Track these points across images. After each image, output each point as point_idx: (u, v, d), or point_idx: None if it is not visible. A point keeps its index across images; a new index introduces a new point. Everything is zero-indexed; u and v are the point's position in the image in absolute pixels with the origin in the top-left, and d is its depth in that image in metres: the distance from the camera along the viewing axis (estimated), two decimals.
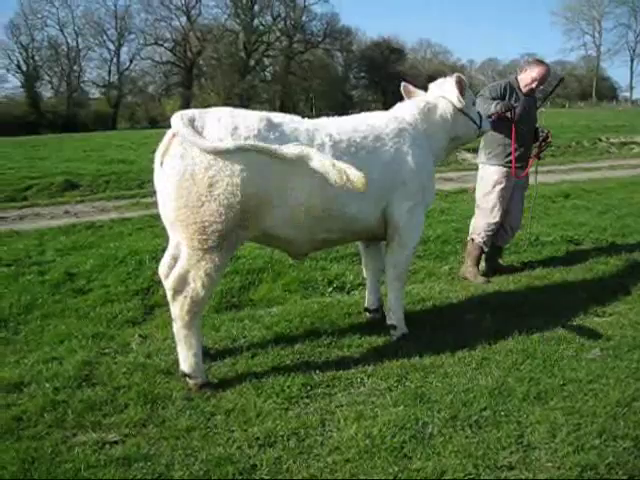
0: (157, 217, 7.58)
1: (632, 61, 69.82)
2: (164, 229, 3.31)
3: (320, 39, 73.83)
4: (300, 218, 3.19)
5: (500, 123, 4.92)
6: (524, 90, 5.22)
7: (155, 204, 3.28)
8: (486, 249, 5.36)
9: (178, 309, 3.10)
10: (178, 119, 2.98)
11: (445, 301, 4.61)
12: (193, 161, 2.89)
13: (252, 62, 71.06)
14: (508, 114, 4.90)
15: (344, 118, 3.70)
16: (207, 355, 3.53)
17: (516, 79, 5.28)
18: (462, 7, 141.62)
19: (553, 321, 4.05)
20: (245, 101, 65.42)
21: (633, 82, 69.03)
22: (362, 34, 77.72)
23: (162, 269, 3.46)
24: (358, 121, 3.62)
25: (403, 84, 4.22)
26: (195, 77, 66.26)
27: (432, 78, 4.30)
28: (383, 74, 70.94)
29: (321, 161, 2.96)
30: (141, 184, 11.58)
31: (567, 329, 3.90)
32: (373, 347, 3.73)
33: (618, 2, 66.98)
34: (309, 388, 3.21)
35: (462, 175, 11.45)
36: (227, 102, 62.59)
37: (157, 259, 5.34)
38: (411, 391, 3.12)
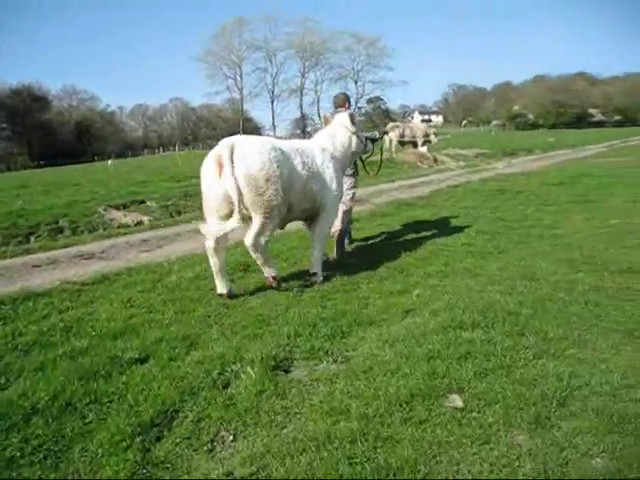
0: None
1: (272, 102, 79.02)
2: None
3: None
4: (299, 193, 5.16)
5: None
6: None
7: None
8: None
9: (259, 254, 4.98)
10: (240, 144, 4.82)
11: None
12: (248, 168, 4.67)
13: None
14: (377, 135, 6.73)
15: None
16: None
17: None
18: (101, 52, 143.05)
19: None
20: None
21: (275, 121, 78.49)
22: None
23: (211, 235, 4.97)
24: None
25: (323, 114, 6.64)
26: None
27: (80, 124, 4.35)
28: (27, 124, 66.04)
29: None
30: None
31: None
32: None
33: (254, 47, 75.27)
34: None
35: None
36: None
37: None
38: None
